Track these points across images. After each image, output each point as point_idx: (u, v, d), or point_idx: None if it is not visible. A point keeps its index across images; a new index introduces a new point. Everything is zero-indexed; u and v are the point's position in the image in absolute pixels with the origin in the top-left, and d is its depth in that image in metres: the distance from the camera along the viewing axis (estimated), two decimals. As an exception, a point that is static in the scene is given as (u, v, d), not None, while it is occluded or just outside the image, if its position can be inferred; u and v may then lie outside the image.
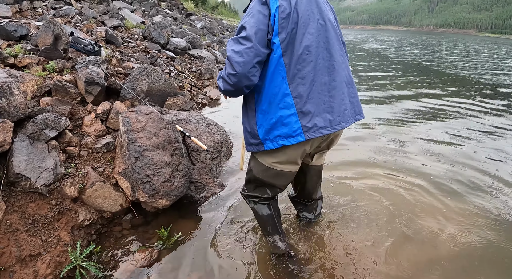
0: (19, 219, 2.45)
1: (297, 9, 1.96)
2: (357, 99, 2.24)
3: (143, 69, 4.71)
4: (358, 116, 2.24)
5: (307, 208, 2.88)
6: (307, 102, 2.00)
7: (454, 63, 17.72)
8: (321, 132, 2.03)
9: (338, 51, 2.11)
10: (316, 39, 2.00)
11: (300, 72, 1.98)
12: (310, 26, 1.98)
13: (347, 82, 2.16)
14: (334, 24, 2.15)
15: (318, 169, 2.58)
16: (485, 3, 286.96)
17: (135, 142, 3.04)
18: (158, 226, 2.88)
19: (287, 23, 1.92)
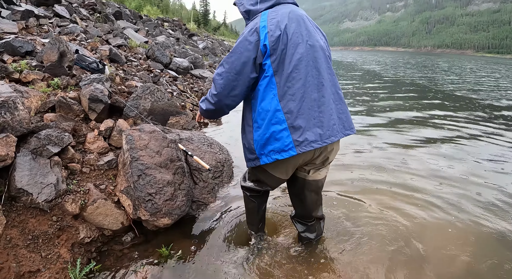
0: (19, 234, 2.42)
1: (286, 31, 2.13)
2: (346, 115, 2.33)
3: (146, 88, 4.74)
4: (348, 131, 2.33)
5: (309, 228, 2.83)
6: (298, 117, 2.13)
7: (450, 83, 17.97)
8: (312, 146, 2.15)
9: (326, 70, 2.24)
10: (305, 59, 2.15)
11: (290, 89, 2.13)
12: (299, 46, 2.14)
13: (335, 99, 2.27)
14: (323, 45, 2.29)
15: (315, 184, 2.53)
16: (481, 24, 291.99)
17: (138, 160, 3.04)
18: (159, 245, 2.84)
19: (277, 45, 2.11)
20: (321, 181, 2.55)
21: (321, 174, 2.51)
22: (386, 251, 2.90)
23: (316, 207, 2.69)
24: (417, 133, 6.84)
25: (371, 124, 7.55)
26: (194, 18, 50.75)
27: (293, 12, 2.23)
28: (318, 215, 2.75)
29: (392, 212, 3.53)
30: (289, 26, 2.15)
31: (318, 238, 2.91)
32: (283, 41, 2.12)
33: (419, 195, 3.95)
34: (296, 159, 2.26)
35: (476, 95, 12.83)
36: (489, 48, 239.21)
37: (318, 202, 2.69)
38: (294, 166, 2.36)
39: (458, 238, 3.11)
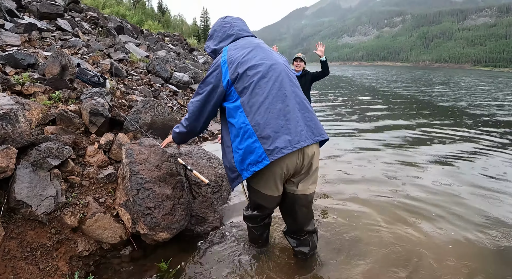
0: (18, 246, 2.42)
1: (245, 58, 2.43)
2: (314, 123, 2.46)
3: (146, 102, 4.77)
4: (318, 137, 2.44)
5: (302, 242, 2.84)
6: (265, 128, 2.29)
7: (444, 95, 18.16)
8: (282, 152, 2.27)
9: (288, 83, 2.44)
10: (266, 76, 2.39)
11: (255, 104, 2.33)
12: (259, 67, 2.40)
13: (300, 108, 2.42)
14: (283, 63, 2.55)
15: (305, 199, 2.58)
16: (478, 38, 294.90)
17: (137, 174, 3.04)
18: (157, 259, 2.83)
19: (238, 72, 2.38)
20: (311, 195, 2.61)
21: (310, 188, 2.57)
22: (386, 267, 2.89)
23: (308, 221, 2.73)
24: (421, 149, 6.87)
25: (373, 138, 7.59)
26: (195, 33, 51.23)
27: (250, 42, 2.59)
28: (310, 228, 2.77)
29: (396, 226, 3.53)
30: (247, 53, 2.46)
31: (312, 251, 2.90)
32: (243, 67, 2.39)
33: (422, 208, 3.96)
34: (276, 168, 2.37)
35: (480, 111, 12.89)
36: (487, 62, 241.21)
37: (309, 216, 2.73)
38: (280, 178, 2.45)
39: (459, 254, 3.09)
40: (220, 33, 2.74)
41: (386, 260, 3.00)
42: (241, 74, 2.37)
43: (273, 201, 2.60)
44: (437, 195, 4.47)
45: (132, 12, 31.48)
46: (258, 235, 3.02)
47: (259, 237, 3.04)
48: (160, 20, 44.91)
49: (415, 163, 5.93)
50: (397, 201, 4.21)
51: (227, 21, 2.77)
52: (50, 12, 9.72)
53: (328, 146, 6.61)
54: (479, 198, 4.41)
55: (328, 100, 15.79)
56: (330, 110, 12.45)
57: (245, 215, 2.95)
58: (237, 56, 2.44)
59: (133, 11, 33.28)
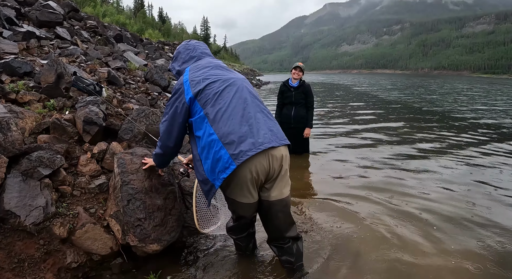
0: (5, 257, 2.39)
1: (206, 75, 2.58)
2: (277, 129, 2.53)
3: (141, 111, 4.75)
4: (283, 141, 2.50)
5: (286, 250, 2.74)
6: (229, 134, 2.34)
7: (436, 101, 18.26)
8: (247, 155, 2.31)
9: (248, 94, 2.56)
10: (227, 88, 2.51)
11: (218, 113, 2.41)
12: (219, 81, 2.54)
13: (262, 116, 2.51)
14: (241, 77, 2.71)
15: (280, 203, 2.56)
16: (476, 45, 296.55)
17: (128, 184, 3.01)
18: (147, 271, 2.80)
19: (199, 89, 2.50)
20: (285, 199, 2.59)
21: (284, 192, 2.57)
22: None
23: (287, 227, 2.69)
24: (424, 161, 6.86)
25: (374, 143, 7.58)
26: (195, 41, 51.45)
27: (210, 61, 2.78)
28: (291, 235, 2.70)
29: (397, 236, 3.50)
30: (208, 70, 2.64)
31: (299, 262, 2.79)
32: (204, 82, 2.52)
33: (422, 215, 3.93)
34: (245, 173, 2.38)
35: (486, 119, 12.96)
36: (485, 69, 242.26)
37: (287, 221, 2.68)
38: (251, 183, 2.45)
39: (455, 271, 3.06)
40: (184, 55, 2.91)
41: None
42: (203, 88, 2.50)
43: (249, 208, 2.60)
44: (441, 201, 4.44)
45: (132, 20, 31.70)
46: (244, 246, 3.04)
47: (246, 247, 3.06)
48: (160, 28, 45.15)
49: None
50: (396, 211, 4.17)
51: (191, 45, 2.99)
52: (49, 21, 9.77)
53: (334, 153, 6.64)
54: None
55: (328, 107, 15.93)
56: (328, 115, 12.48)
57: (227, 227, 2.99)
58: (198, 73, 2.61)
59: (134, 20, 33.50)
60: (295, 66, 6.18)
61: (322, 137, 9.02)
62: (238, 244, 3.06)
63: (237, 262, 3.04)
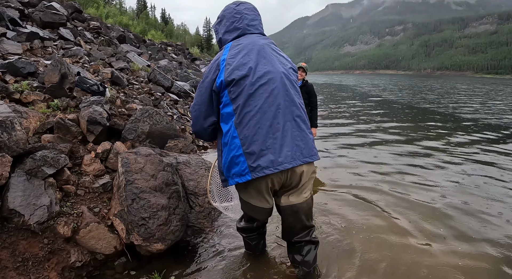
0: (9, 256, 2.38)
1: (243, 62, 2.33)
2: (305, 143, 2.36)
3: (145, 111, 4.76)
4: (307, 159, 2.35)
5: (295, 248, 2.65)
6: (252, 144, 2.25)
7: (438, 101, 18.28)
8: (264, 172, 2.24)
9: (282, 97, 2.33)
10: (262, 87, 2.30)
11: (246, 116, 2.27)
12: (255, 75, 2.31)
13: (292, 126, 2.33)
14: (285, 71, 2.42)
15: (290, 209, 2.46)
16: (479, 46, 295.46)
17: (132, 183, 3.01)
18: (151, 271, 2.78)
19: (234, 77, 2.29)
20: (297, 206, 2.46)
21: (293, 200, 2.45)
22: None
23: (298, 231, 2.57)
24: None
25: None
26: (198, 42, 51.54)
27: (254, 43, 2.44)
28: (303, 239, 2.59)
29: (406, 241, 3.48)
30: (246, 57, 2.36)
31: (308, 265, 2.63)
32: (239, 72, 2.30)
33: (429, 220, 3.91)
34: (261, 184, 2.36)
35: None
36: (488, 69, 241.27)
37: (299, 226, 2.55)
38: (267, 192, 2.43)
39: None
40: (228, 23, 2.58)
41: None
42: (237, 81, 2.29)
43: (264, 212, 2.57)
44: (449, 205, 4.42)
45: (135, 22, 31.74)
46: (253, 245, 3.00)
47: (255, 247, 3.02)
48: (163, 29, 45.20)
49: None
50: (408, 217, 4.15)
51: (239, 11, 2.57)
52: (52, 21, 9.80)
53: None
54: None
55: (330, 107, 15.93)
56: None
57: (238, 226, 2.94)
58: (237, 58, 2.35)
59: (137, 21, 33.54)
60: (298, 66, 6.16)
61: (327, 137, 8.99)
62: (247, 243, 3.01)
63: (242, 263, 3.01)
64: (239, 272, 2.88)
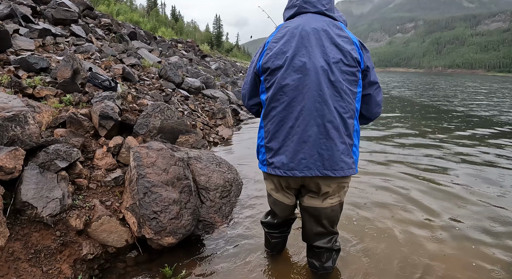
0: (22, 247, 2.40)
1: (282, 51, 2.13)
2: (330, 153, 2.09)
3: (156, 106, 4.77)
4: (327, 172, 2.10)
5: (314, 253, 2.55)
6: (273, 139, 2.18)
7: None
8: (275, 172, 2.19)
9: (313, 97, 2.06)
10: (294, 83, 2.08)
11: (273, 110, 2.16)
12: (290, 67, 2.09)
13: (319, 132, 2.07)
14: (325, 67, 2.07)
15: (311, 211, 2.33)
16: (491, 44, 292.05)
17: (144, 177, 3.02)
18: (162, 264, 2.78)
19: (269, 64, 2.15)
20: (319, 209, 2.31)
21: (320, 203, 2.30)
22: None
23: (315, 237, 2.46)
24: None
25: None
26: (208, 40, 51.62)
27: (302, 26, 2.14)
28: (319, 245, 2.47)
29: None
30: (288, 44, 2.13)
31: (327, 269, 2.54)
32: (275, 61, 2.13)
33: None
34: (275, 179, 2.34)
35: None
36: (500, 67, 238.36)
37: (315, 231, 2.43)
38: (286, 189, 2.37)
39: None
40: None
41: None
42: (272, 70, 2.14)
43: (283, 208, 2.47)
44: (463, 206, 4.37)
45: (145, 19, 31.84)
46: (272, 243, 2.88)
47: (273, 246, 2.92)
48: (173, 27, 45.32)
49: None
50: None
51: None
52: (64, 18, 9.84)
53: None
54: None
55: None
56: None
57: (261, 220, 2.86)
58: (278, 44, 2.16)
59: (147, 18, 33.66)
60: None
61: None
62: (267, 239, 2.91)
63: (253, 258, 3.00)
64: (250, 268, 2.87)
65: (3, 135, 2.79)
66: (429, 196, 4.41)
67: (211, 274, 2.79)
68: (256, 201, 4.07)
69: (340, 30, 2.15)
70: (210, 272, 2.82)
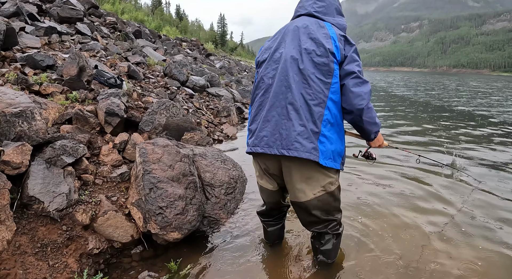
0: (28, 241, 2.42)
1: (270, 46, 2.44)
2: (288, 133, 2.18)
3: (162, 103, 4.78)
4: (283, 151, 2.18)
5: (315, 236, 2.64)
6: (253, 122, 2.41)
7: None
8: (249, 149, 2.38)
9: (281, 82, 2.24)
10: (272, 72, 2.33)
11: (256, 97, 2.41)
12: (271, 58, 2.38)
13: (281, 113, 2.21)
14: (294, 54, 2.25)
15: (298, 205, 2.40)
16: (497, 43, 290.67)
17: (150, 173, 3.03)
18: (167, 259, 2.80)
19: (259, 59, 2.50)
20: (305, 203, 2.36)
21: (303, 195, 2.34)
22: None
23: (311, 225, 2.55)
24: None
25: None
26: (212, 38, 51.64)
27: (290, 25, 2.41)
28: (317, 230, 2.56)
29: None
30: (274, 41, 2.44)
31: (327, 254, 2.62)
32: (264, 55, 2.45)
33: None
34: (257, 160, 2.50)
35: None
36: (506, 67, 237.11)
37: (308, 220, 2.52)
38: (265, 172, 2.51)
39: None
40: (296, 5, 2.60)
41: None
42: (260, 63, 2.47)
43: (268, 194, 2.63)
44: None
45: (150, 17, 31.91)
46: (268, 232, 2.98)
47: (269, 235, 3.01)
48: (177, 25, 45.38)
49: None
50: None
51: None
52: (70, 17, 9.89)
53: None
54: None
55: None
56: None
57: (257, 211, 3.01)
58: (270, 41, 2.49)
59: (151, 17, 33.72)
60: None
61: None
62: (264, 228, 3.02)
63: (257, 254, 3.01)
64: (254, 263, 2.88)
65: (10, 131, 2.81)
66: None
67: (216, 269, 2.80)
68: (260, 198, 4.07)
69: (321, 27, 2.31)
70: (215, 267, 2.83)
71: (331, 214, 2.50)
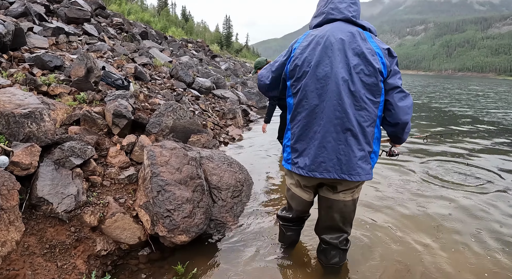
0: (37, 242, 2.43)
1: (307, 59, 2.23)
2: (348, 159, 2.18)
3: (169, 105, 4.79)
4: (344, 176, 2.20)
5: (322, 249, 2.65)
6: (297, 141, 2.31)
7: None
8: (298, 171, 2.32)
9: (334, 106, 2.15)
10: (317, 91, 2.19)
11: (298, 115, 2.30)
12: (314, 76, 2.19)
13: (337, 138, 2.17)
14: (344, 76, 2.13)
15: (325, 201, 2.45)
16: (502, 47, 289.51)
17: (158, 176, 3.04)
18: (175, 262, 2.80)
19: (295, 71, 2.28)
20: (331, 200, 2.41)
21: (334, 195, 2.40)
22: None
23: (325, 230, 2.57)
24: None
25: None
26: (217, 40, 51.73)
27: (327, 35, 2.20)
28: (327, 239, 2.57)
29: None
30: (312, 52, 2.22)
31: (330, 265, 2.63)
32: (301, 69, 2.25)
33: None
34: (299, 178, 2.45)
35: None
36: (511, 71, 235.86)
37: (327, 224, 2.53)
38: (303, 184, 2.48)
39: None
40: (318, 6, 2.40)
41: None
42: (298, 77, 2.26)
43: (301, 203, 2.59)
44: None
45: (156, 18, 31.97)
46: (286, 236, 2.96)
47: (287, 239, 3.00)
48: (183, 27, 45.45)
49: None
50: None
51: None
52: (77, 17, 9.94)
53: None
54: None
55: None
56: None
57: (277, 214, 2.95)
58: (305, 52, 2.25)
59: (157, 18, 33.79)
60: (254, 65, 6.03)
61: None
62: (281, 231, 2.99)
63: (264, 257, 3.01)
64: (262, 267, 2.87)
65: (19, 132, 2.83)
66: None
67: (222, 272, 2.79)
68: (266, 201, 4.07)
69: (363, 40, 2.18)
70: (221, 270, 2.82)
71: (345, 225, 2.54)
